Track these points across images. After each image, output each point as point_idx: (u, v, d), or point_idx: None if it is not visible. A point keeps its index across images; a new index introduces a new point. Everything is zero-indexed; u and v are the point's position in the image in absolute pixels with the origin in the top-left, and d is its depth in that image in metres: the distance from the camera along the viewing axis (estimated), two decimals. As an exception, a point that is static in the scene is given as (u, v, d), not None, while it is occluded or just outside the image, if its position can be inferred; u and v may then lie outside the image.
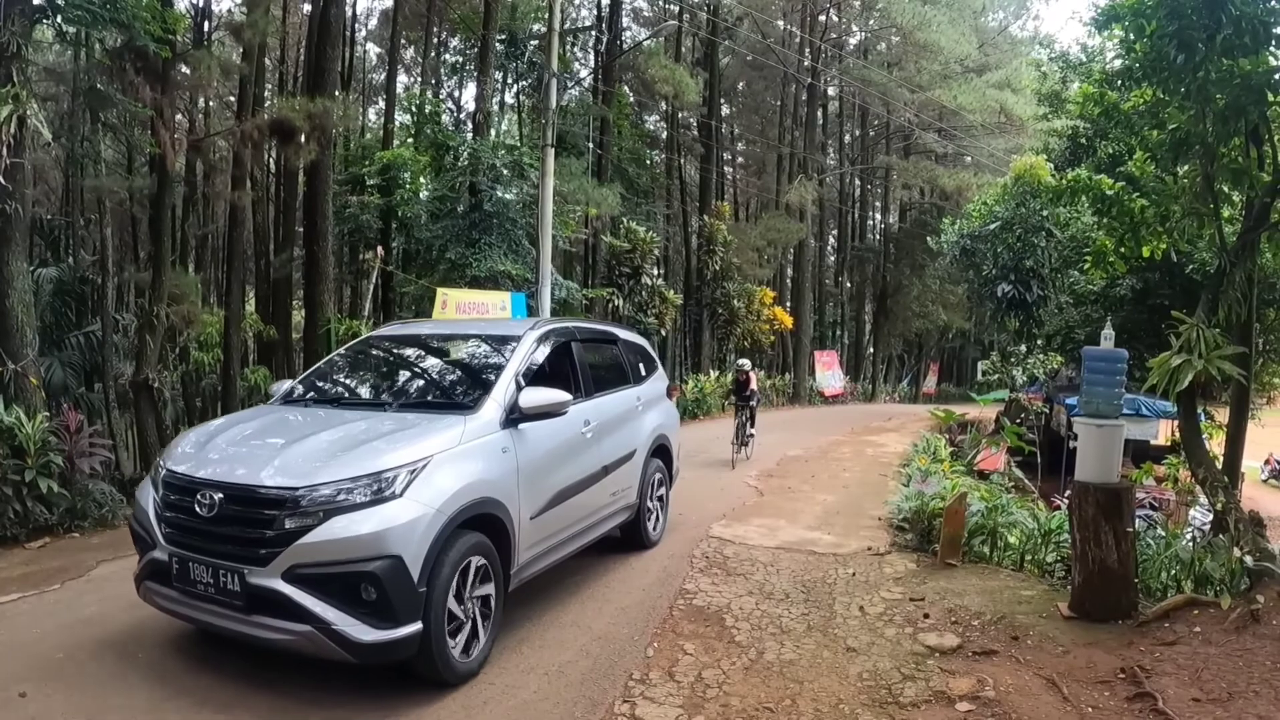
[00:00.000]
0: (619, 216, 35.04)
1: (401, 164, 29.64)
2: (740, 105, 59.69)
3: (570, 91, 39.60)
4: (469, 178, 25.80)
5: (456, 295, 20.35)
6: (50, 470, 10.94)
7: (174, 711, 5.85)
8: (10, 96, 11.59)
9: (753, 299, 42.03)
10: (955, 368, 66.55)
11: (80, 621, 7.62)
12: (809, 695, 6.10)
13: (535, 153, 25.78)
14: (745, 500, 14.12)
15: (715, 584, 8.98)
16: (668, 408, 11.36)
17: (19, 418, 10.94)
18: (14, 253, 12.45)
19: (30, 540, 10.62)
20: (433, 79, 44.66)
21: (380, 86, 44.06)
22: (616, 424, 9.37)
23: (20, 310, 12.48)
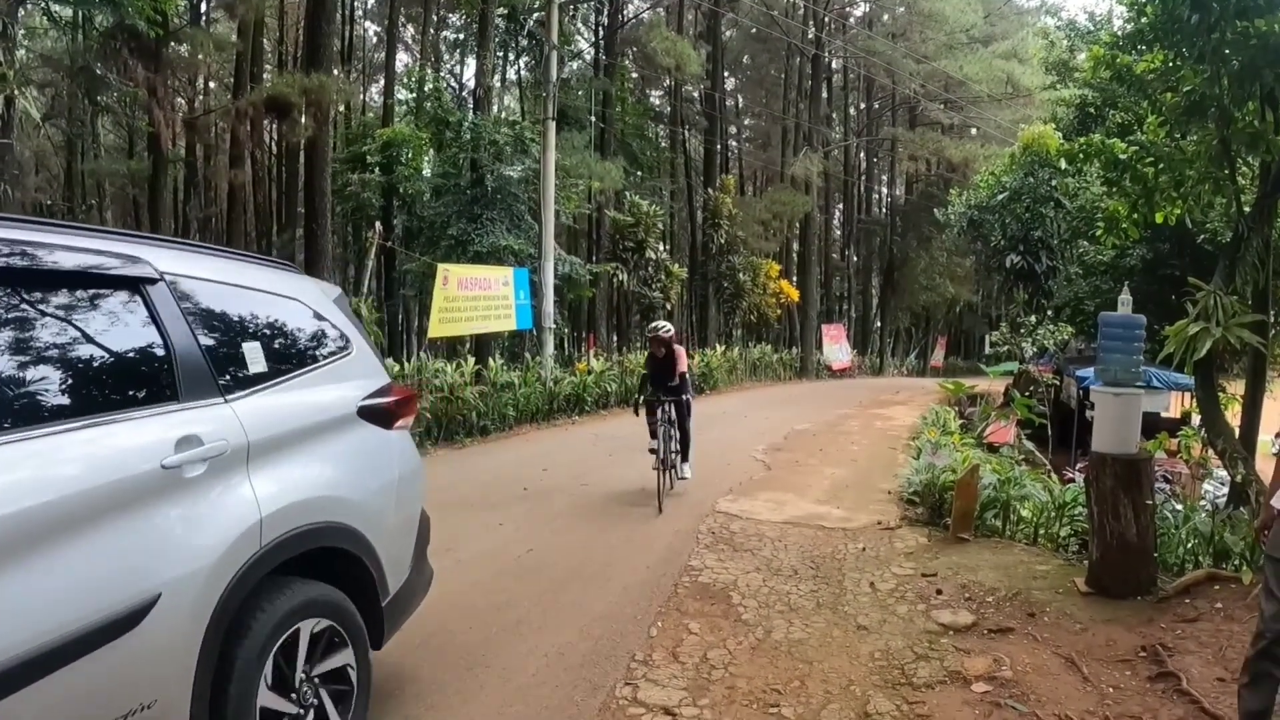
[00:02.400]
0: (623, 191, 34.91)
1: (402, 141, 29.56)
2: (744, 78, 59.40)
3: (571, 65, 39.49)
4: (470, 154, 25.66)
5: (458, 271, 20.15)
6: None
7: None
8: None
9: (759, 272, 41.88)
10: (963, 341, 66.32)
11: None
12: (819, 676, 5.92)
13: (537, 128, 25.61)
14: (752, 475, 13.92)
15: (721, 560, 8.78)
16: (366, 453, 5.03)
17: None
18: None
19: None
20: (432, 56, 44.47)
21: (380, 65, 43.86)
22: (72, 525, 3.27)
23: None
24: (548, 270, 22.77)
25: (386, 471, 5.06)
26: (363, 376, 5.16)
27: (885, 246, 57.55)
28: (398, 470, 5.14)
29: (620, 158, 35.31)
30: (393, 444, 5.20)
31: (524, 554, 8.76)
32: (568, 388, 22.07)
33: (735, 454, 15.95)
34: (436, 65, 45.63)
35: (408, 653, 6.28)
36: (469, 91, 41.33)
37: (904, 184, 62.16)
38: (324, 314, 5.09)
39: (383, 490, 4.96)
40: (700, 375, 31.29)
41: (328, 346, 5.01)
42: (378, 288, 30.46)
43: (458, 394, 17.97)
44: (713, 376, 32.19)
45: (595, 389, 23.17)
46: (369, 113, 41.63)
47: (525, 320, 22.35)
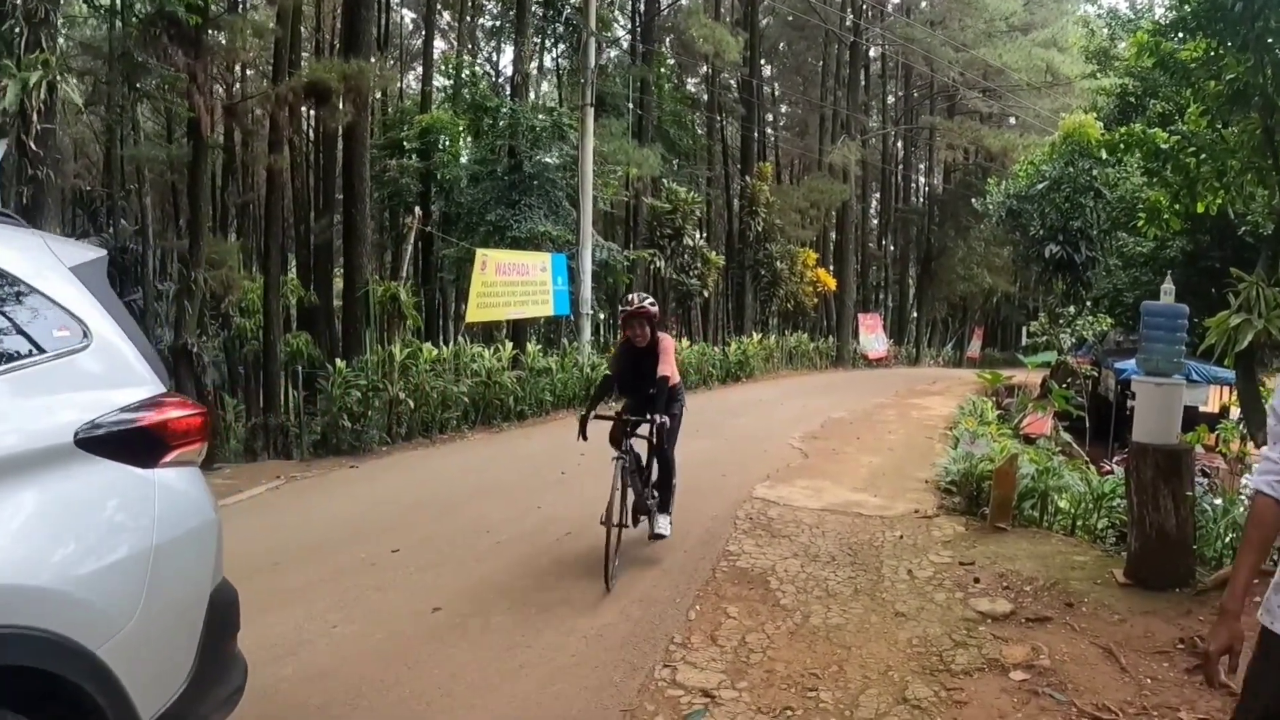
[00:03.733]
0: (660, 178, 34.86)
1: (440, 127, 29.67)
2: (782, 66, 59.13)
3: (609, 52, 39.45)
4: (508, 140, 25.71)
5: (496, 256, 20.25)
6: None
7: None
8: (40, 63, 11.62)
9: (795, 260, 41.80)
10: (1000, 332, 65.89)
11: None
12: (856, 661, 5.94)
13: (575, 114, 25.64)
14: (789, 462, 13.93)
15: (759, 546, 8.84)
16: (90, 508, 3.17)
17: None
18: (47, 219, 12.52)
19: None
20: (469, 43, 44.52)
21: (417, 52, 43.96)
22: None
23: None
24: (585, 256, 22.82)
25: (131, 537, 3.23)
26: (107, 385, 3.39)
27: (922, 236, 57.20)
28: (156, 535, 3.31)
29: (658, 145, 35.26)
30: (152, 492, 3.36)
31: (563, 536, 8.87)
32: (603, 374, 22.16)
33: (772, 441, 15.96)
34: (474, 52, 45.72)
35: (447, 638, 6.36)
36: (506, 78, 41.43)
37: (942, 173, 61.84)
38: (38, 286, 3.35)
39: (121, 570, 3.14)
40: (736, 363, 31.30)
41: (34, 337, 3.25)
42: (415, 272, 30.65)
43: (495, 379, 18.12)
44: (749, 364, 32.24)
45: (632, 375, 23.21)
46: (406, 99, 41.75)
47: (563, 306, 22.44)
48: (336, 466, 14.06)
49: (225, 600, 3.79)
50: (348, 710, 5.30)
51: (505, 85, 40.60)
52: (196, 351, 15.79)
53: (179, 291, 17.11)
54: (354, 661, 5.97)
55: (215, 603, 3.66)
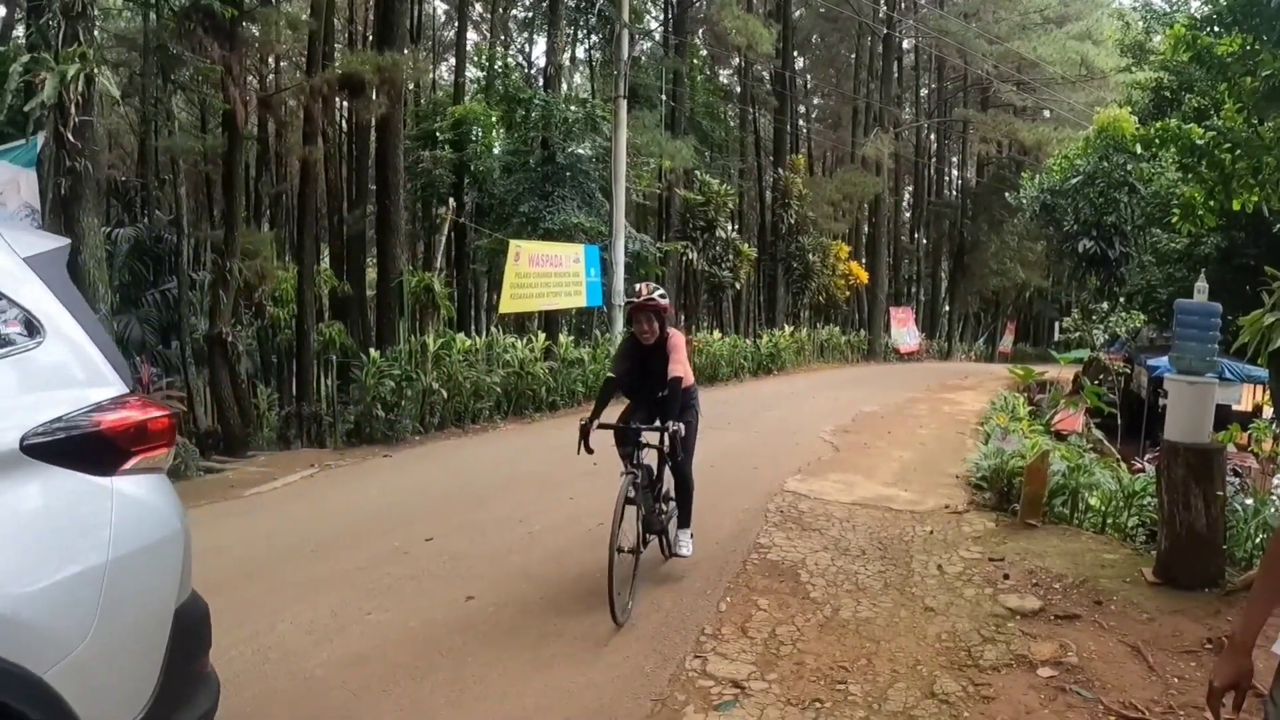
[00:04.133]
0: (693, 170, 34.86)
1: (473, 119, 29.73)
2: (814, 58, 58.91)
3: (642, 44, 39.39)
4: (541, 132, 25.77)
5: (530, 248, 20.35)
6: None
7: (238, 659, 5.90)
8: (78, 55, 11.78)
9: (828, 253, 41.76)
10: (1032, 327, 65.53)
11: None
12: (885, 655, 5.98)
13: (608, 106, 25.67)
14: (821, 455, 13.96)
15: (790, 539, 8.88)
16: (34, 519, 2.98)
17: None
18: (85, 209, 12.67)
19: None
20: (502, 34, 44.56)
21: (450, 43, 44.05)
22: None
23: (93, 266, 12.77)
24: (618, 248, 22.86)
25: (84, 552, 3.01)
26: (62, 385, 3.19)
27: (955, 229, 56.87)
28: (112, 549, 3.07)
29: (691, 136, 35.24)
30: (108, 502, 3.13)
31: (595, 526, 8.86)
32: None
33: (803, 434, 15.99)
34: (506, 43, 45.79)
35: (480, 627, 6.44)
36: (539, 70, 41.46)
37: (975, 166, 61.47)
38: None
39: (72, 587, 2.92)
40: (768, 355, 31.31)
41: None
42: (449, 263, 30.76)
43: (527, 369, 18.24)
44: (780, 357, 32.25)
45: (663, 367, 23.30)
46: (439, 90, 41.84)
47: (595, 297, 22.51)
48: (370, 455, 14.20)
49: (193, 617, 3.54)
50: (381, 695, 5.40)
51: (538, 77, 40.68)
52: (231, 340, 15.95)
53: (213, 281, 17.25)
54: (388, 648, 6.07)
55: (181, 620, 3.39)
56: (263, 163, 30.47)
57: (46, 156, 11.88)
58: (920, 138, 56.49)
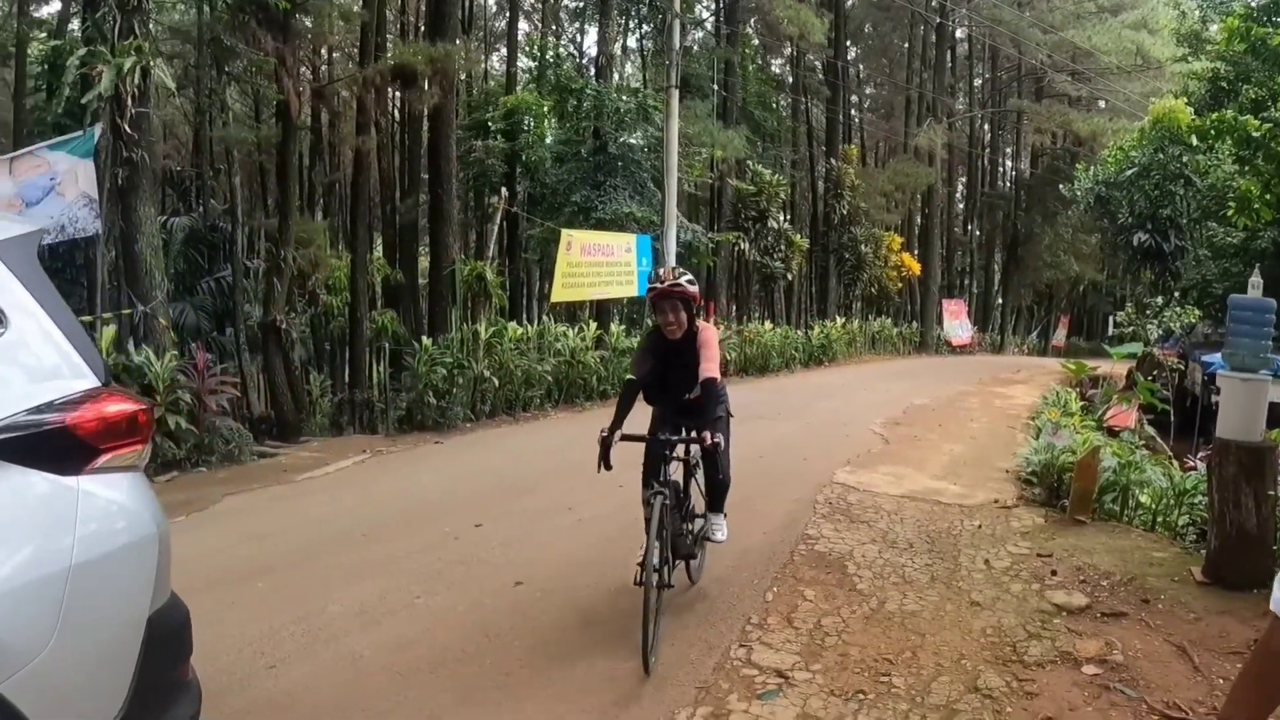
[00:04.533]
0: (745, 160, 34.78)
1: (525, 109, 29.83)
2: (867, 47, 58.52)
3: (693, 34, 39.32)
4: (593, 122, 25.85)
5: (582, 237, 20.43)
6: (179, 407, 11.51)
7: (289, 640, 6.00)
8: (133, 49, 12.04)
9: (880, 245, 41.54)
10: (1086, 321, 64.68)
11: (203, 553, 7.91)
12: (930, 649, 5.98)
13: (659, 96, 25.70)
14: (871, 447, 13.93)
15: (838, 530, 8.89)
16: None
17: (148, 357, 11.54)
18: (141, 199, 12.97)
19: (158, 474, 11.17)
20: (553, 24, 44.63)
21: (501, 33, 44.16)
22: None
23: (149, 255, 13.06)
24: (670, 237, 22.88)
25: (45, 557, 2.84)
26: (25, 378, 3.06)
27: (1009, 221, 56.29)
28: (76, 553, 2.91)
29: (743, 126, 35.18)
30: (73, 503, 2.97)
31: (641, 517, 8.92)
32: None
33: (854, 426, 15.95)
34: (558, 33, 45.87)
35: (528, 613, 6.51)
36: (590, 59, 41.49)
37: (1029, 157, 60.83)
38: None
39: (30, 594, 2.76)
40: (819, 347, 31.27)
41: None
42: (500, 252, 30.92)
43: (578, 358, 18.35)
44: (832, 348, 32.22)
45: (715, 357, 23.45)
46: (491, 80, 41.99)
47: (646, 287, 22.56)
48: (421, 442, 14.35)
49: (170, 623, 3.37)
50: (429, 678, 5.49)
51: (589, 67, 40.69)
52: (285, 328, 16.19)
53: (268, 269, 17.51)
54: (436, 632, 6.17)
55: (156, 627, 3.21)
56: (316, 152, 30.69)
57: (104, 147, 12.17)
58: (974, 128, 55.93)
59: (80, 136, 11.88)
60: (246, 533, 8.72)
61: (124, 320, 13.35)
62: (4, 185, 11.36)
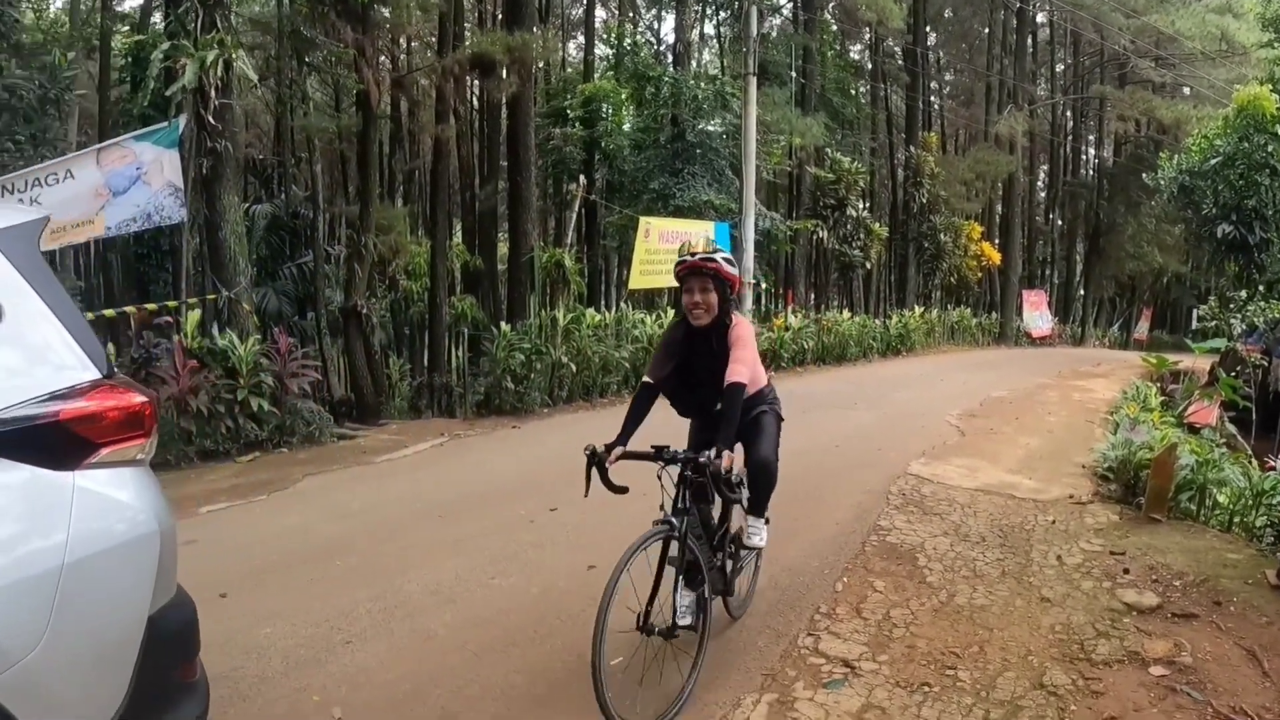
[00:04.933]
0: (824, 147, 34.66)
1: (603, 96, 29.97)
2: (947, 33, 57.73)
3: (771, 20, 39.21)
4: (671, 109, 25.91)
5: (660, 224, 20.54)
6: (261, 389, 11.88)
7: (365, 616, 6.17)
8: (216, 42, 12.39)
9: (959, 233, 41.22)
10: (1169, 314, 63.65)
11: (285, 531, 8.21)
12: (998, 643, 5.99)
13: (737, 83, 25.70)
14: (946, 439, 13.88)
15: (910, 522, 8.90)
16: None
17: (232, 341, 11.90)
18: (225, 188, 13.36)
19: (241, 454, 11.58)
20: (630, 11, 44.68)
21: (579, 20, 44.28)
22: None
23: (233, 242, 13.46)
24: (748, 225, 22.87)
25: (36, 554, 2.79)
26: (21, 371, 2.98)
27: (1091, 211, 55.33)
28: (70, 550, 2.85)
29: (821, 113, 35.05)
30: (68, 499, 2.91)
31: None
32: (764, 343, 22.36)
33: (930, 417, 15.90)
34: (634, 20, 45.93)
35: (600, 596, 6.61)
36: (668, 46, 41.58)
37: (1112, 145, 59.75)
38: None
39: (20, 592, 2.71)
40: (897, 336, 31.11)
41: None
42: (579, 239, 31.12)
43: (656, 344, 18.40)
44: (910, 338, 32.07)
45: (792, 346, 23.60)
46: (568, 68, 42.15)
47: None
48: (498, 426, 14.54)
49: (173, 623, 3.25)
50: (501, 657, 5.62)
51: (667, 53, 40.76)
52: (365, 312, 16.47)
53: (349, 255, 17.85)
54: (510, 612, 6.31)
55: (158, 626, 3.13)
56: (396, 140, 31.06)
57: (188, 138, 12.59)
58: (1055, 115, 55.06)
59: (165, 127, 12.30)
60: (326, 512, 8.95)
61: (208, 305, 13.73)
62: (92, 175, 11.75)
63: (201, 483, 10.34)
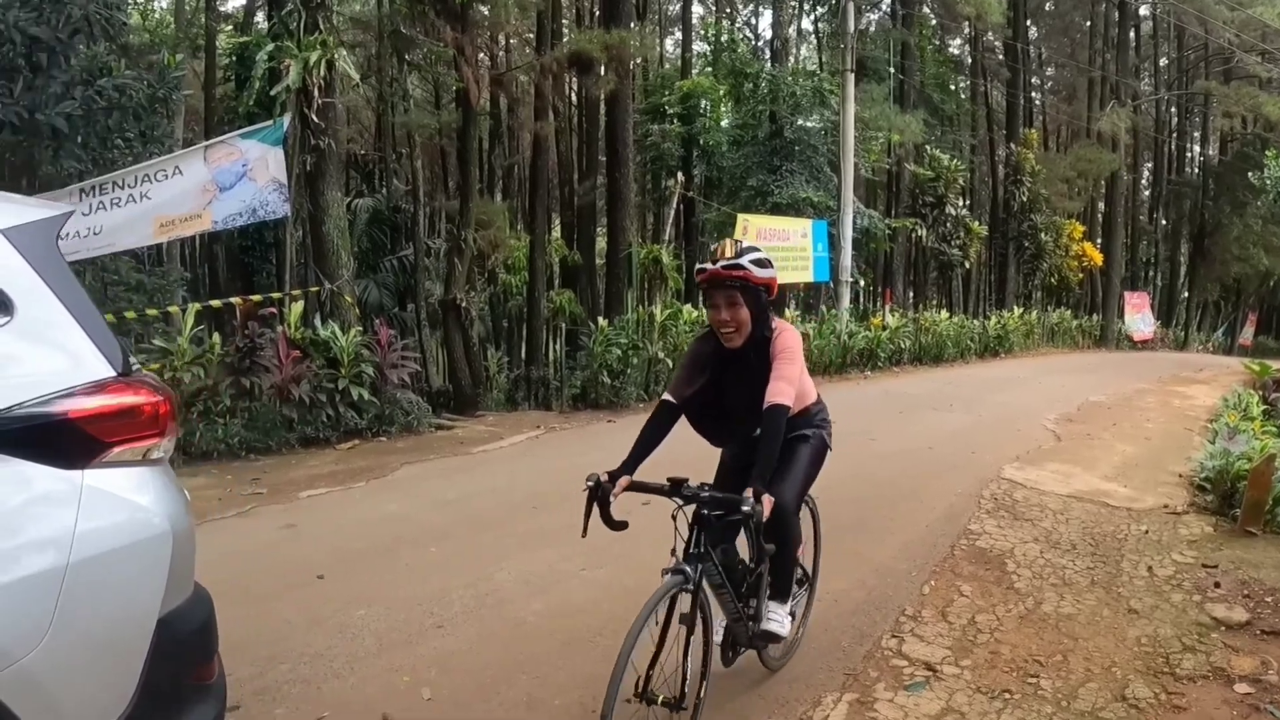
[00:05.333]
0: (922, 144, 34.39)
1: (701, 93, 30.09)
2: (1047, 27, 56.69)
3: (868, 15, 38.95)
4: (768, 106, 25.94)
5: (757, 221, 20.64)
6: (361, 379, 12.27)
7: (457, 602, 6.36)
8: (319, 43, 12.85)
9: (1060, 233, 40.52)
10: (1275, 319, 61.93)
11: (381, 517, 8.45)
12: (1081, 653, 5.92)
13: (835, 79, 25.67)
14: (1041, 443, 13.71)
15: (1001, 527, 8.83)
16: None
17: (334, 332, 12.30)
18: (328, 183, 13.78)
19: (340, 442, 11.96)
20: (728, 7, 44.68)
21: (676, 17, 44.36)
22: None
23: (335, 235, 13.87)
24: (846, 223, 22.87)
25: (37, 552, 2.72)
26: (29, 368, 2.90)
27: (1196, 210, 53.95)
28: (75, 550, 2.77)
29: (920, 110, 34.83)
30: (74, 498, 2.84)
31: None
32: (861, 342, 22.37)
33: (1026, 421, 15.70)
34: (732, 16, 45.91)
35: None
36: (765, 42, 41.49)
37: (1218, 143, 58.43)
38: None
39: (19, 591, 2.65)
40: (995, 337, 30.68)
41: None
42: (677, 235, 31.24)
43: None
44: (1008, 339, 31.61)
45: (889, 345, 23.47)
46: (666, 64, 42.27)
47: (822, 272, 22.69)
48: (594, 420, 14.72)
49: (186, 625, 3.17)
50: (589, 646, 5.73)
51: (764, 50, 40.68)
52: (464, 305, 16.77)
53: (448, 249, 18.20)
54: (600, 602, 6.41)
55: (169, 628, 3.05)
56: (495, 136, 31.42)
57: (292, 135, 13.08)
58: (1159, 111, 53.91)
59: (270, 125, 12.77)
60: (422, 501, 9.18)
61: (311, 296, 14.15)
62: (200, 171, 12.25)
63: (302, 468, 10.69)
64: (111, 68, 12.61)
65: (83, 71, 12.11)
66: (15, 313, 2.82)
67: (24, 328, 2.84)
